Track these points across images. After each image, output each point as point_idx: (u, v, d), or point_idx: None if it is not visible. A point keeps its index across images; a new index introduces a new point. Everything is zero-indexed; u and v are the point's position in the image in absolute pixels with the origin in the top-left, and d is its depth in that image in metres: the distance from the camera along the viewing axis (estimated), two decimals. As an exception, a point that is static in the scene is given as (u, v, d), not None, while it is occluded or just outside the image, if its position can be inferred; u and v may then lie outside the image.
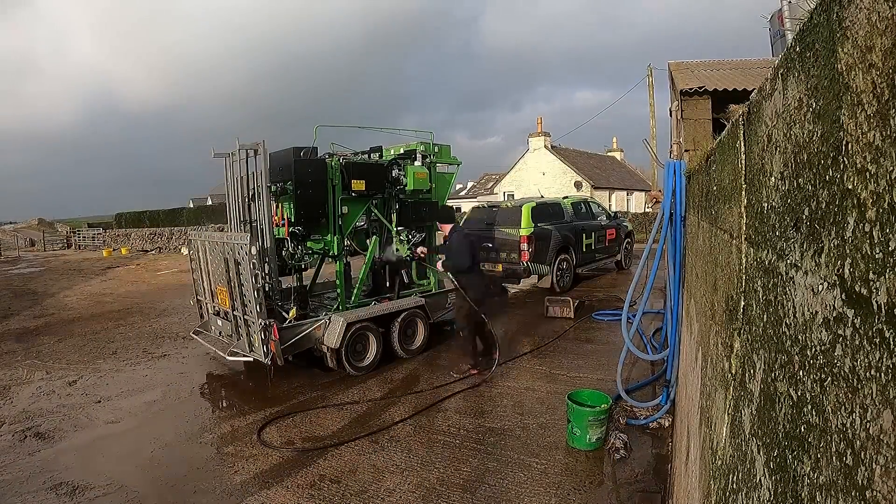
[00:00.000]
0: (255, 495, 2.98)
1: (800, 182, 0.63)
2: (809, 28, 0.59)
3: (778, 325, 0.71)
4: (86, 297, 10.89)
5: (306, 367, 5.18)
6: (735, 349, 1.03)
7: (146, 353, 6.16)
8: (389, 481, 3.06)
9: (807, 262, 0.59)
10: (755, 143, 0.92)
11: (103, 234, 31.26)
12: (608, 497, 2.87)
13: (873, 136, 0.42)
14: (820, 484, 0.50)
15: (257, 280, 4.32)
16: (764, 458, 0.72)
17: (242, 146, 4.93)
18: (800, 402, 0.59)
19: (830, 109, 0.52)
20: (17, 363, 5.88)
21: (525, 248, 7.83)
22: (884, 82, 0.40)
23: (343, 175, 5.09)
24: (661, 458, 3.23)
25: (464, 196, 31.17)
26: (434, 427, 3.80)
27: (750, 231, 0.95)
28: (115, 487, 3.12)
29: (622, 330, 3.69)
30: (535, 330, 6.45)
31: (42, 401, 4.65)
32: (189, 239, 5.66)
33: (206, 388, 4.94)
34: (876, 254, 0.41)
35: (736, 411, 0.97)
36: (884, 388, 0.39)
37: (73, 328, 7.70)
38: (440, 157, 6.15)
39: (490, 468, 3.16)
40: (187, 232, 7.78)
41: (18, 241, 33.55)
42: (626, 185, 27.77)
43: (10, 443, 3.77)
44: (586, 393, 3.62)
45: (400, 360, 5.36)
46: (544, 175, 25.24)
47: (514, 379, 4.77)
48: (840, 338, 0.48)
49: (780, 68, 0.72)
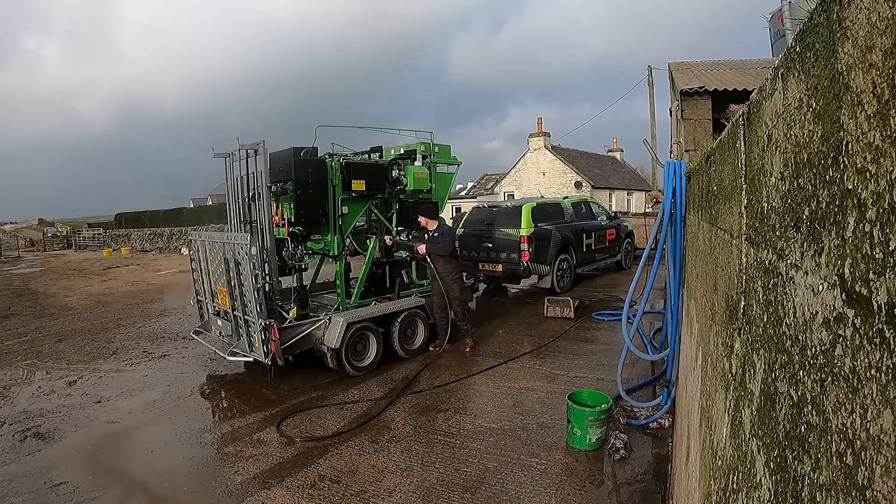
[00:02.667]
0: (256, 495, 2.98)
1: (800, 182, 0.63)
2: (809, 28, 0.59)
3: (778, 325, 0.71)
4: (86, 297, 10.90)
5: (306, 367, 5.17)
6: (735, 349, 1.03)
7: (146, 354, 6.16)
8: (389, 481, 3.06)
9: (807, 262, 0.59)
10: (755, 143, 0.92)
11: (103, 235, 31.27)
12: (608, 497, 2.87)
13: (873, 136, 0.42)
14: (820, 484, 0.50)
15: (257, 280, 4.32)
16: (764, 458, 0.72)
17: (242, 146, 4.93)
18: (800, 402, 0.59)
19: (830, 109, 0.52)
20: (17, 363, 5.88)
21: (525, 248, 7.83)
22: (884, 82, 0.40)
23: (343, 175, 5.09)
24: (661, 458, 3.23)
25: (464, 196, 31.17)
26: (434, 427, 3.80)
27: (750, 231, 0.95)
28: (115, 487, 3.13)
29: (622, 330, 3.69)
30: (535, 330, 6.45)
31: (42, 401, 4.65)
32: (189, 239, 5.66)
33: (206, 388, 4.93)
34: (876, 254, 0.41)
35: (736, 411, 0.97)
36: (884, 388, 0.39)
37: (74, 328, 7.70)
38: (440, 157, 6.15)
39: (490, 468, 3.16)
40: (187, 232, 7.78)
41: (18, 241, 33.54)
42: (627, 185, 27.77)
43: (10, 443, 3.77)
44: (586, 393, 3.62)
45: (400, 359, 5.36)
46: (544, 175, 25.24)
47: (514, 379, 4.77)
48: (840, 338, 0.48)
49: (780, 68, 0.72)
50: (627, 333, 3.61)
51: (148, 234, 27.50)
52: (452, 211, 27.70)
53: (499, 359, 5.30)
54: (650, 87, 16.92)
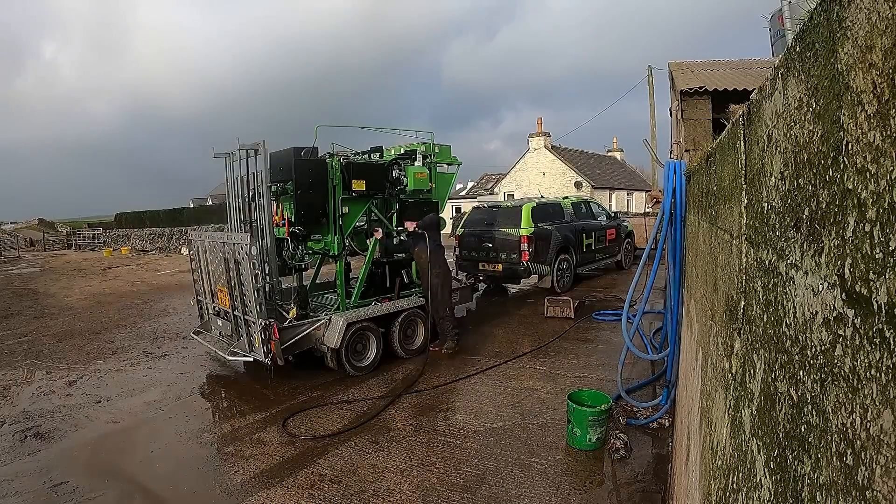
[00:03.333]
0: (255, 495, 2.98)
1: (800, 182, 0.63)
2: (809, 28, 0.59)
3: (778, 324, 0.71)
4: (86, 296, 10.90)
5: (306, 367, 5.17)
6: (735, 349, 1.03)
7: (146, 353, 6.16)
8: (389, 481, 3.06)
9: (807, 262, 0.59)
10: (755, 143, 0.92)
11: (103, 234, 31.28)
12: (608, 497, 2.87)
13: (873, 136, 0.42)
14: (820, 484, 0.50)
15: (257, 280, 4.32)
16: (764, 458, 0.72)
17: (243, 146, 4.93)
18: (800, 402, 0.59)
19: (831, 109, 0.52)
20: (17, 363, 5.88)
21: (525, 248, 7.83)
22: (884, 82, 0.40)
23: (343, 175, 5.09)
24: (661, 458, 3.23)
25: (464, 196, 31.17)
26: (434, 427, 3.80)
27: (750, 231, 0.95)
28: (115, 487, 3.12)
29: (622, 330, 3.69)
30: (535, 330, 6.45)
31: (42, 401, 4.65)
32: (189, 239, 5.66)
33: (206, 388, 4.93)
34: (876, 254, 0.41)
35: (736, 411, 0.97)
36: (884, 388, 0.39)
37: (74, 328, 7.70)
38: (440, 157, 6.15)
39: (490, 468, 3.16)
40: (187, 232, 7.78)
41: (18, 241, 33.54)
42: (627, 185, 27.78)
43: (10, 443, 3.77)
44: (587, 393, 3.61)
45: (400, 359, 5.36)
46: (544, 175, 25.26)
47: (514, 379, 4.77)
48: (840, 338, 0.48)
49: (780, 68, 0.72)
50: (627, 333, 3.61)
51: (148, 234, 27.50)
52: (452, 211, 27.70)
53: (499, 359, 5.30)
54: (650, 87, 16.92)
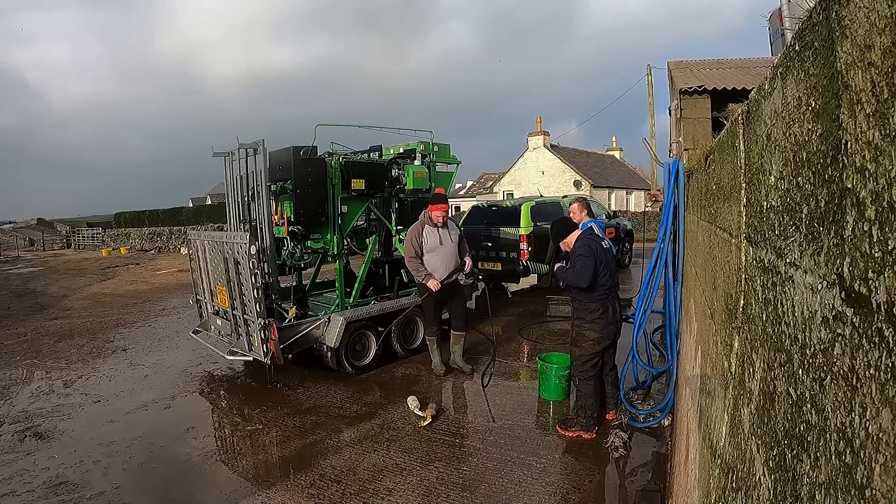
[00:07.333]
0: (255, 495, 2.98)
1: (799, 181, 0.63)
2: (808, 27, 0.59)
3: (777, 323, 0.71)
4: (85, 296, 10.89)
5: (306, 366, 5.17)
6: (734, 348, 1.03)
7: (145, 353, 6.15)
8: (389, 481, 3.06)
9: (806, 261, 0.59)
10: (754, 142, 0.92)
11: (103, 234, 31.26)
12: (608, 496, 2.87)
13: (872, 134, 0.42)
14: (819, 482, 0.50)
15: (257, 279, 4.31)
16: (763, 456, 0.72)
17: (242, 145, 4.92)
18: (799, 400, 0.59)
19: (830, 108, 0.52)
20: (17, 363, 5.88)
21: (524, 247, 7.83)
22: (883, 81, 0.40)
23: (343, 174, 5.08)
24: (660, 456, 3.24)
25: (463, 195, 31.16)
26: (434, 426, 3.80)
27: (749, 230, 0.95)
28: (114, 487, 3.12)
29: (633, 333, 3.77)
30: (535, 330, 6.45)
31: (42, 401, 4.65)
32: (188, 238, 5.65)
33: (205, 387, 4.93)
34: (875, 253, 0.41)
35: (735, 410, 0.97)
36: (883, 387, 0.39)
37: (73, 328, 7.69)
38: (440, 157, 6.14)
39: (490, 467, 3.16)
40: (187, 231, 7.77)
41: (18, 240, 33.50)
42: (626, 184, 27.77)
43: (10, 443, 3.77)
44: (555, 356, 4.37)
45: (400, 359, 5.35)
46: (543, 174, 25.23)
47: (514, 378, 4.77)
48: (839, 337, 0.48)
49: (780, 67, 0.72)
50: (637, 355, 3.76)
51: (147, 233, 27.50)
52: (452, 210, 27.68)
53: (499, 358, 5.30)
54: (649, 87, 16.93)
